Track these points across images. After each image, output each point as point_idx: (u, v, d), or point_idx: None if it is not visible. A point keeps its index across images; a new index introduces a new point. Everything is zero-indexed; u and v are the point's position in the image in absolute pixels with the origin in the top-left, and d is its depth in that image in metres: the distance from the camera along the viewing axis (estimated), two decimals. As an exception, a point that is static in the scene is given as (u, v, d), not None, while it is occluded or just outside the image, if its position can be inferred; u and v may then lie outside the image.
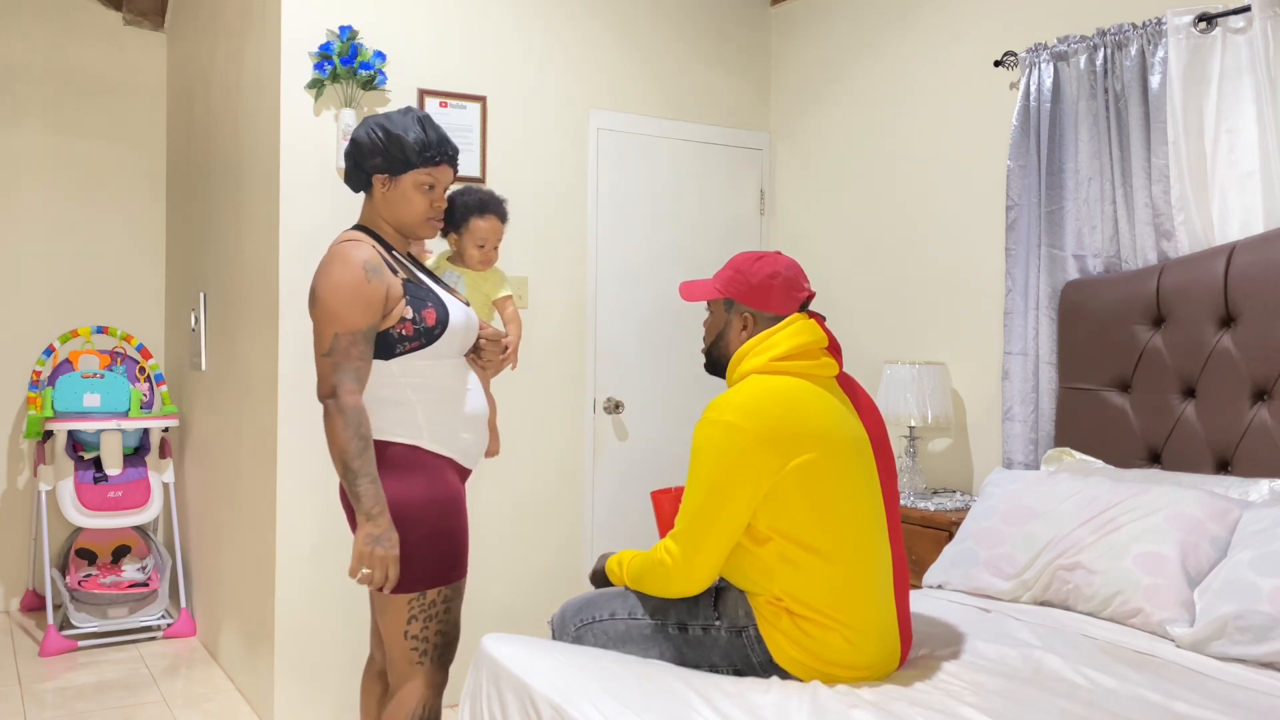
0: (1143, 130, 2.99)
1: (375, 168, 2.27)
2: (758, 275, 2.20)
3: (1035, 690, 2.02)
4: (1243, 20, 2.80)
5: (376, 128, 2.26)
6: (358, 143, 2.27)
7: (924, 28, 3.78)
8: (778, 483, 2.03)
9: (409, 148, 2.24)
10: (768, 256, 2.23)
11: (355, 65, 3.38)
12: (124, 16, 4.94)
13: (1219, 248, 2.82)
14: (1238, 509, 2.48)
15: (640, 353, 4.08)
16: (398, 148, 2.25)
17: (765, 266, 2.20)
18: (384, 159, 2.25)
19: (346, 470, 2.14)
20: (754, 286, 2.20)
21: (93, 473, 4.45)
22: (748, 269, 2.21)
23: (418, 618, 2.22)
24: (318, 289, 2.18)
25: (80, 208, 4.93)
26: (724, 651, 2.13)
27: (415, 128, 2.26)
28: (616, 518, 4.03)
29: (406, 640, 2.23)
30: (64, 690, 3.74)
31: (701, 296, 2.27)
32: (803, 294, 2.22)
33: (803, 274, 2.24)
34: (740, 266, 2.22)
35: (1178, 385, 2.88)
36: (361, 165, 2.28)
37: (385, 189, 2.29)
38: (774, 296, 2.19)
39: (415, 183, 2.27)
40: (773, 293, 2.19)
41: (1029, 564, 2.62)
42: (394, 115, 2.28)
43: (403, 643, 2.23)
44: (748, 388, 2.09)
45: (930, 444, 3.73)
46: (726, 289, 2.23)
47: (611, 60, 3.99)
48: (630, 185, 4.05)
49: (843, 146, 4.11)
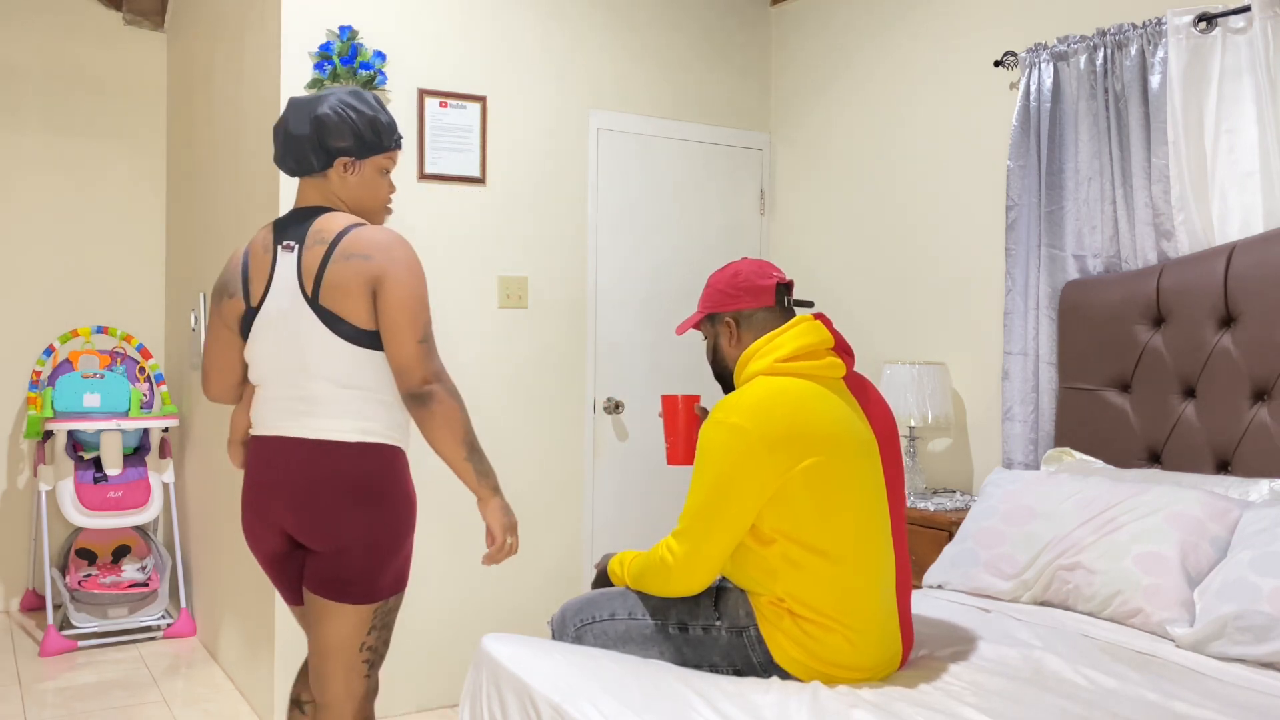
0: (1143, 130, 2.99)
1: (343, 150, 2.12)
2: (723, 280, 2.28)
3: (1035, 690, 2.02)
4: (1243, 20, 2.79)
5: (347, 107, 2.11)
6: (324, 122, 2.10)
7: (924, 28, 3.78)
8: (784, 485, 2.03)
9: (382, 130, 2.15)
10: (730, 264, 2.31)
11: (355, 65, 3.38)
12: (124, 16, 4.94)
13: (1219, 248, 2.81)
14: (1238, 509, 2.48)
15: (640, 353, 4.08)
16: (371, 129, 2.14)
17: (727, 270, 2.29)
18: (355, 140, 2.12)
19: (472, 451, 2.07)
20: (722, 291, 2.27)
21: (93, 473, 4.45)
22: (713, 281, 2.30)
23: (377, 626, 2.12)
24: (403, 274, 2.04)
25: (80, 208, 4.93)
26: (724, 651, 2.13)
27: (382, 110, 2.17)
28: (616, 518, 4.03)
29: (361, 652, 2.11)
30: (64, 690, 3.74)
31: (688, 324, 2.34)
32: (770, 280, 2.25)
33: (769, 265, 2.29)
34: (709, 282, 2.32)
35: (1178, 385, 2.88)
36: (326, 145, 2.11)
37: (349, 172, 2.14)
38: (742, 293, 2.25)
39: (378, 167, 2.17)
40: (740, 289, 2.25)
41: (1029, 564, 2.62)
42: (357, 94, 2.15)
43: (355, 654, 2.10)
44: (754, 389, 2.10)
45: (930, 444, 3.73)
46: (703, 306, 2.32)
47: (611, 60, 3.99)
48: (630, 185, 4.05)
49: (843, 146, 4.11)
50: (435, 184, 3.61)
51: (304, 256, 2.07)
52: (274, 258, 2.11)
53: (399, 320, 2.03)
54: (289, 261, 2.09)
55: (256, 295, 2.12)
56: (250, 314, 2.12)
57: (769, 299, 2.24)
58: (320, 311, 2.05)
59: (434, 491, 3.62)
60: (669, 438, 2.43)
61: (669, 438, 2.43)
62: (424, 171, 3.57)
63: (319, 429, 2.07)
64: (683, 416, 2.41)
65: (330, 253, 2.05)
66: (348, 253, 2.04)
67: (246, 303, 2.13)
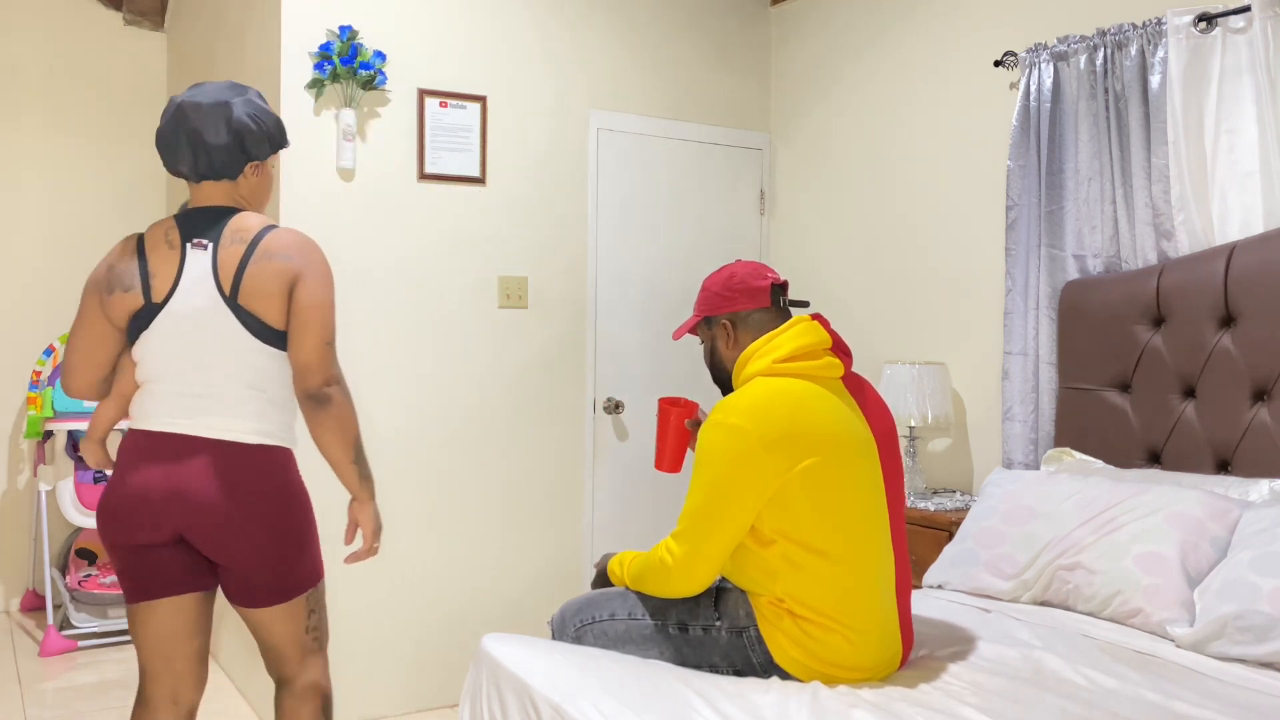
0: (1143, 130, 2.99)
1: (260, 153, 2.17)
2: (718, 283, 2.28)
3: (1035, 690, 2.02)
4: (1243, 20, 2.79)
5: (260, 112, 2.15)
6: (244, 130, 2.12)
7: (924, 28, 3.78)
8: (783, 486, 2.03)
9: (283, 128, 2.23)
10: (725, 266, 2.32)
11: (355, 65, 3.38)
12: (124, 16, 4.94)
13: (1219, 248, 2.81)
14: (1238, 509, 2.48)
15: (640, 353, 4.08)
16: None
17: (723, 273, 2.29)
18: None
19: (359, 454, 2.14)
20: (718, 294, 2.27)
21: (93, 473, 4.45)
22: (709, 283, 2.31)
23: (313, 610, 2.23)
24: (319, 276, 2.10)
25: (80, 207, 4.93)
26: (724, 652, 2.13)
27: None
28: (616, 518, 4.03)
29: (307, 634, 2.22)
30: (64, 690, 3.74)
31: (685, 328, 2.34)
32: (764, 281, 2.25)
33: (763, 266, 2.29)
34: (704, 285, 2.32)
35: (1178, 385, 2.88)
36: (247, 151, 2.14)
37: (256, 174, 2.19)
38: (737, 294, 2.25)
39: (273, 166, 2.25)
40: (735, 291, 2.25)
41: (1029, 564, 2.62)
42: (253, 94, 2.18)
43: (303, 638, 2.22)
44: (753, 390, 2.10)
45: (930, 444, 3.73)
46: (699, 309, 2.32)
47: (611, 60, 3.99)
48: (630, 185, 4.05)
49: (843, 146, 4.11)
50: (435, 184, 3.61)
51: (220, 255, 2.09)
52: (182, 255, 2.11)
53: (311, 320, 2.08)
54: (201, 260, 2.10)
55: (161, 291, 2.11)
56: (150, 310, 2.11)
57: (765, 300, 2.24)
58: (238, 310, 2.08)
59: (433, 491, 3.62)
60: (658, 443, 2.44)
61: (658, 443, 2.44)
62: (424, 171, 3.57)
63: (218, 428, 2.09)
64: (673, 425, 2.41)
65: (250, 252, 2.08)
66: (269, 253, 2.09)
67: (147, 299, 2.11)
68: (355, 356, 3.48)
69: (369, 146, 3.49)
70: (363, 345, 3.49)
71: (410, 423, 3.58)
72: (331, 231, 3.43)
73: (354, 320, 3.48)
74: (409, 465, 3.58)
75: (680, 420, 2.41)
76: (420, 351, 3.60)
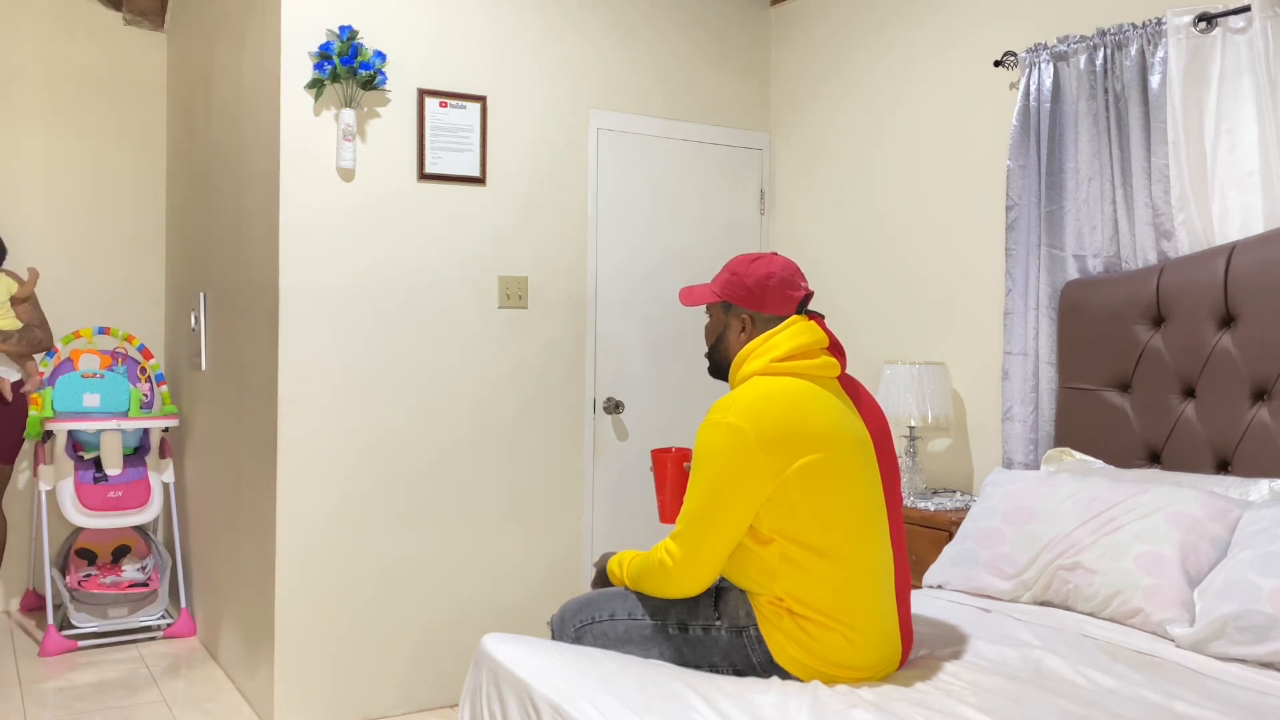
0: (1143, 130, 2.99)
1: None
2: (753, 277, 2.20)
3: (1035, 690, 2.02)
4: (1243, 20, 2.79)
5: None
6: None
7: (924, 28, 3.78)
8: (781, 485, 2.03)
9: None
10: (763, 258, 2.23)
11: (355, 65, 3.38)
12: (124, 16, 4.94)
13: (1219, 248, 2.81)
14: (1238, 509, 2.48)
15: (640, 353, 4.08)
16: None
17: (760, 268, 2.21)
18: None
19: None
20: (750, 288, 2.20)
21: (93, 473, 4.45)
22: (744, 271, 2.21)
23: None
24: None
25: (80, 208, 4.93)
26: (724, 651, 2.13)
27: None
28: (616, 518, 4.03)
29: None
30: (64, 690, 3.74)
31: (699, 301, 2.28)
32: (799, 293, 2.22)
33: (799, 273, 2.24)
34: (736, 269, 2.23)
35: (1178, 385, 2.88)
36: None
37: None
38: (770, 297, 2.20)
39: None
40: (769, 293, 2.20)
41: (1029, 564, 2.62)
42: None
43: None
44: (751, 389, 2.09)
45: (930, 444, 3.73)
46: (723, 292, 2.24)
47: (611, 60, 3.99)
48: (630, 185, 4.05)
49: (843, 146, 4.11)
50: (435, 184, 3.61)
51: None
52: None
53: None
54: None
55: None
56: None
57: (790, 311, 2.21)
58: None
59: (433, 491, 3.62)
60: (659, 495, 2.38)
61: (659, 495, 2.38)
62: (424, 171, 3.57)
63: None
64: (671, 473, 2.37)
65: None
66: None
67: None
68: (355, 356, 3.48)
69: (369, 146, 3.49)
70: (362, 345, 3.49)
71: (410, 422, 3.58)
72: (331, 232, 3.43)
73: (354, 320, 3.48)
74: (408, 464, 3.58)
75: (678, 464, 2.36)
76: (420, 351, 3.60)
